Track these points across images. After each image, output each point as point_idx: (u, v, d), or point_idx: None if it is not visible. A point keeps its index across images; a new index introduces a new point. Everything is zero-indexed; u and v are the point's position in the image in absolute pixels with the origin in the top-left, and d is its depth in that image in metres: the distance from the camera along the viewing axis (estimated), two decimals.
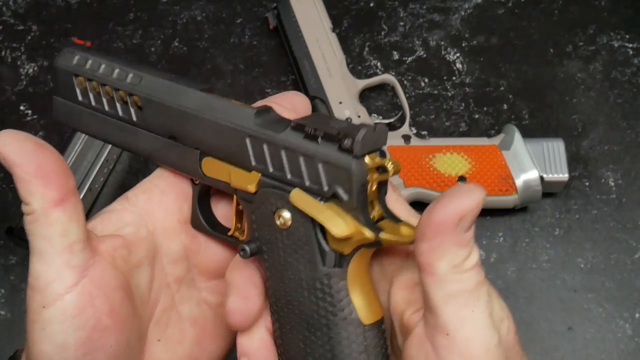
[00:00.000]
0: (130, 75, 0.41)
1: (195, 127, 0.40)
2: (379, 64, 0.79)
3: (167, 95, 0.40)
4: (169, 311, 0.43)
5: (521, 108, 0.76)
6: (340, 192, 0.35)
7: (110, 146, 0.70)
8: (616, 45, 0.79)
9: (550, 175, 0.68)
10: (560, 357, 0.66)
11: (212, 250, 0.43)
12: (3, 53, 0.79)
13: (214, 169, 0.40)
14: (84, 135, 0.69)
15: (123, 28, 0.81)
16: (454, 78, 0.78)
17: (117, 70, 0.42)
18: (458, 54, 0.79)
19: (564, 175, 0.69)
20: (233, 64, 0.78)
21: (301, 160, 0.37)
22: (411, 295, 0.37)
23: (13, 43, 0.80)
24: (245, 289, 0.39)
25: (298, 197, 0.36)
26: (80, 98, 0.43)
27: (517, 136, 0.69)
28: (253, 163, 0.38)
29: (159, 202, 0.42)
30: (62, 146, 0.69)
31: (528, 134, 0.72)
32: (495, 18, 0.81)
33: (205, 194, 0.43)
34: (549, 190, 0.70)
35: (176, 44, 0.80)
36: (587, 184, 0.73)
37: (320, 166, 0.36)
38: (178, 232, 0.42)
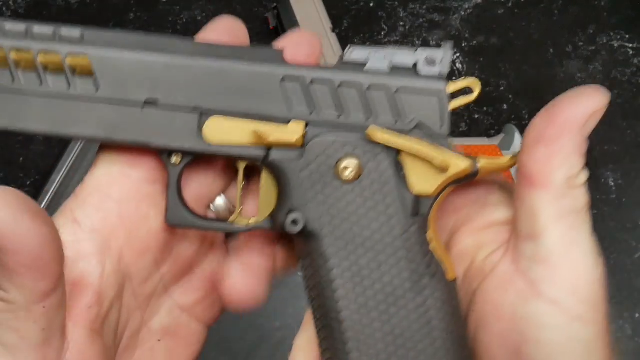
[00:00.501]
0: (59, 31, 0.31)
1: (193, 79, 0.32)
2: None
3: (132, 48, 0.32)
4: (137, 334, 0.35)
5: (521, 108, 0.76)
6: (429, 121, 0.32)
7: None
8: (616, 45, 0.79)
9: None
10: None
11: (183, 247, 0.35)
12: None
13: (225, 131, 0.32)
14: None
15: (123, 28, 0.81)
16: (453, 78, 0.78)
17: (37, 30, 0.31)
18: (458, 54, 0.79)
19: None
20: None
21: (360, 95, 0.32)
22: (485, 237, 0.33)
23: None
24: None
25: (382, 134, 0.31)
26: None
27: (517, 136, 0.69)
28: (290, 110, 0.32)
29: (118, 219, 0.32)
30: (62, 146, 0.69)
31: None
32: (495, 18, 0.81)
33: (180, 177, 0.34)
34: None
35: None
36: (587, 184, 0.73)
37: (396, 97, 0.32)
38: (147, 247, 0.34)
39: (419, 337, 0.32)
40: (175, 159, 0.33)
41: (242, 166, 0.33)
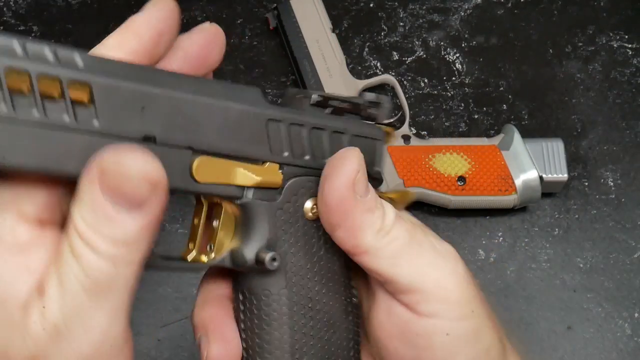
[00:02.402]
0: (72, 58, 0.28)
1: (190, 117, 0.30)
2: (378, 64, 0.79)
3: (137, 80, 0.29)
4: None
5: (520, 108, 0.76)
6: (367, 159, 0.34)
7: None
8: (615, 45, 0.80)
9: (550, 175, 0.68)
10: (559, 356, 0.66)
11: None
12: None
13: (211, 170, 0.31)
14: None
15: None
16: (453, 78, 0.78)
17: (35, 49, 0.27)
18: (458, 55, 0.79)
19: (563, 175, 0.69)
20: (233, 64, 0.79)
21: (326, 137, 0.34)
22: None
23: None
24: (225, 330, 0.35)
25: None
26: None
27: (517, 136, 0.69)
28: (271, 152, 0.33)
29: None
30: None
31: (527, 134, 0.72)
32: (495, 18, 0.81)
33: None
34: (548, 190, 0.70)
35: None
36: (587, 184, 0.73)
37: (346, 140, 0.34)
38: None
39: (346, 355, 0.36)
40: None
41: (206, 202, 0.34)
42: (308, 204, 0.34)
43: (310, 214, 0.34)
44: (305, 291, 0.35)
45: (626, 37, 0.80)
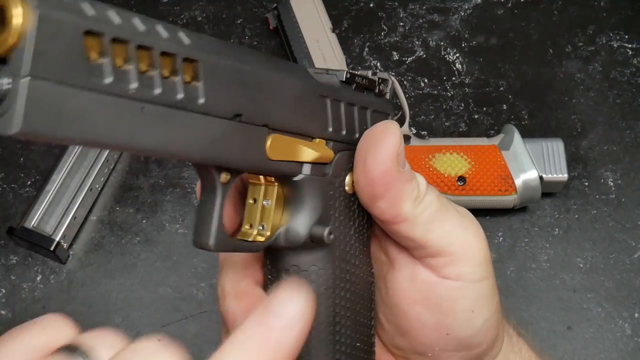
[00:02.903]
0: (176, 34, 0.27)
1: (267, 95, 0.30)
2: (378, 64, 0.79)
3: (232, 57, 0.29)
4: None
5: (521, 108, 0.76)
6: None
7: None
8: (615, 45, 0.79)
9: (550, 175, 0.68)
10: (559, 356, 0.66)
11: None
12: None
13: (281, 148, 0.31)
14: None
15: None
16: (453, 78, 0.78)
17: (146, 27, 0.25)
18: (458, 55, 0.79)
19: (563, 175, 0.69)
20: None
21: (357, 113, 0.35)
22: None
23: None
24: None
25: None
26: (90, 76, 0.24)
27: (517, 136, 0.69)
28: (320, 127, 0.34)
29: None
30: (62, 146, 0.69)
31: (527, 134, 0.72)
32: (495, 18, 0.81)
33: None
34: (548, 190, 0.70)
35: None
36: (587, 184, 0.73)
37: (369, 115, 0.36)
38: None
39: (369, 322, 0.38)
40: (224, 177, 0.31)
41: (264, 181, 0.34)
42: (348, 179, 0.35)
43: (348, 188, 0.35)
44: (345, 264, 0.35)
45: (626, 37, 0.80)
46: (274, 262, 0.35)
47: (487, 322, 0.37)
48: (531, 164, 0.68)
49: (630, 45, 0.79)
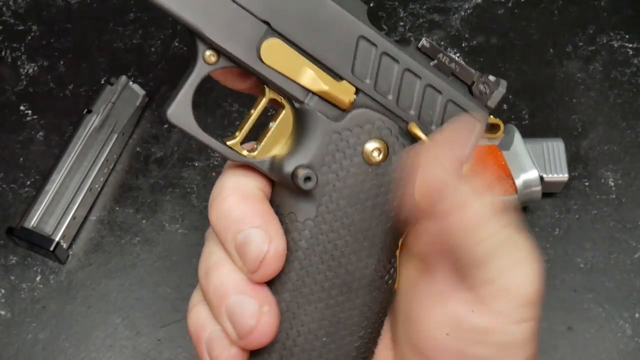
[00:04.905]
0: None
1: None
2: None
3: None
4: None
5: (521, 108, 0.76)
6: None
7: (110, 146, 0.70)
8: (616, 45, 0.79)
9: (550, 175, 0.68)
10: (559, 356, 0.66)
11: None
12: (3, 53, 0.79)
13: (281, 57, 0.29)
14: (84, 135, 0.69)
15: (123, 28, 0.81)
16: None
17: None
18: (458, 54, 0.79)
19: (563, 175, 0.69)
20: None
21: (419, 88, 0.31)
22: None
23: (13, 43, 0.80)
24: (278, 225, 0.31)
25: (422, 135, 0.31)
26: None
27: (517, 136, 0.69)
28: (353, 72, 0.30)
29: None
30: (62, 146, 0.69)
31: (528, 134, 0.72)
32: (495, 18, 0.81)
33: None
34: (548, 190, 0.70)
35: (176, 44, 0.80)
36: (587, 184, 0.73)
37: (441, 103, 0.32)
38: None
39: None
40: (209, 56, 0.30)
41: (269, 96, 0.31)
42: (370, 145, 0.31)
43: (372, 157, 0.31)
44: (333, 235, 0.31)
45: (627, 36, 0.80)
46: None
47: None
48: (531, 164, 0.68)
49: (630, 45, 0.79)
